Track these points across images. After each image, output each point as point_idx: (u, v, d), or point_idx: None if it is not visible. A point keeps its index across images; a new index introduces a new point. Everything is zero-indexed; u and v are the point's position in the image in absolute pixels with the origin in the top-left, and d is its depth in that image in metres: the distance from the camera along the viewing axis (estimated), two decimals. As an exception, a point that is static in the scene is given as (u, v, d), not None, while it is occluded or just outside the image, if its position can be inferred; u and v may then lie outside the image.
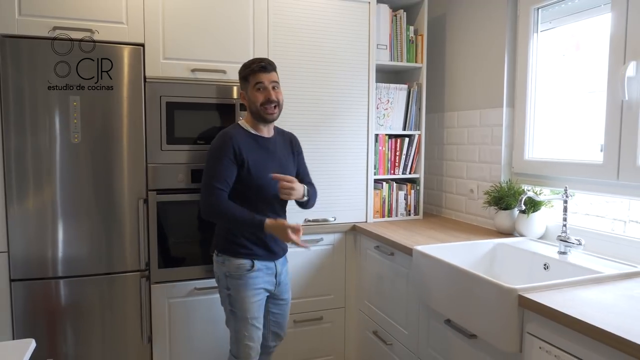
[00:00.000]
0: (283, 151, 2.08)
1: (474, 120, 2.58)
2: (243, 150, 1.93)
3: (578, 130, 2.18)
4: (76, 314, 2.15)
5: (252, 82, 1.96)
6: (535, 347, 1.37)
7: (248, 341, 1.95)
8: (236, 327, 1.97)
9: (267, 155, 2.00)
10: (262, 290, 1.98)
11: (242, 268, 1.94)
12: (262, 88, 1.95)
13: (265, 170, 1.95)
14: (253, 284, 1.95)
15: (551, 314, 1.31)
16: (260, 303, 1.98)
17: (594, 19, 2.00)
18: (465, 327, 1.67)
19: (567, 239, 1.85)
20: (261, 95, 1.94)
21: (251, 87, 1.96)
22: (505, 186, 2.31)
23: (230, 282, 1.96)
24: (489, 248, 2.11)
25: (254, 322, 1.95)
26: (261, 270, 1.96)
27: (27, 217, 2.05)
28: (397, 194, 2.72)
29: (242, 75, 2.00)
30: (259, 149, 1.99)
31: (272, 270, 2.01)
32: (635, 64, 1.75)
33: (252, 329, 1.94)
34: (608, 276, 1.57)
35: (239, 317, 1.95)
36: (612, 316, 1.24)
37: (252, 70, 1.95)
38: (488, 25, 2.47)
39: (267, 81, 1.95)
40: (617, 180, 1.84)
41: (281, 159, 2.05)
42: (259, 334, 1.98)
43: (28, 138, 2.03)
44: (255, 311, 1.96)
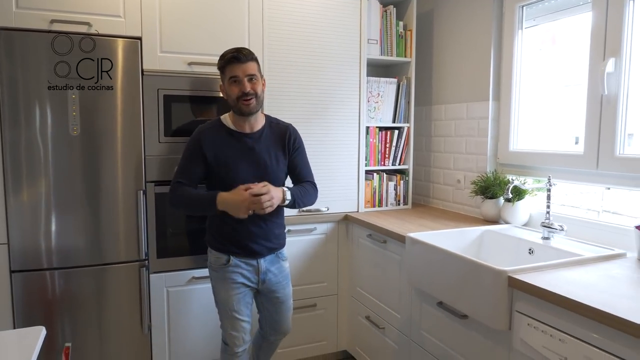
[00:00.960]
0: (267, 147, 1.99)
1: (461, 113, 2.69)
2: (212, 147, 1.91)
3: (556, 122, 2.30)
4: (76, 304, 2.18)
5: (227, 74, 1.90)
6: (524, 324, 1.47)
7: (231, 330, 2.00)
8: (220, 316, 2.04)
9: (242, 153, 1.94)
10: (240, 285, 1.98)
11: (218, 261, 1.99)
12: (237, 81, 1.89)
13: (238, 167, 1.92)
14: (229, 278, 1.97)
15: (539, 292, 1.41)
16: (240, 297, 1.98)
17: (576, 17, 2.11)
18: (457, 308, 1.77)
19: (550, 225, 1.96)
20: (236, 89, 1.89)
21: (227, 80, 1.91)
22: (491, 176, 2.42)
23: (212, 273, 2.04)
24: (477, 235, 2.22)
25: (234, 314, 1.98)
26: (239, 267, 1.97)
27: (27, 209, 2.07)
28: (387, 185, 2.81)
29: (218, 67, 1.95)
30: (234, 146, 1.94)
31: (254, 268, 1.99)
32: (614, 61, 1.87)
33: (233, 320, 1.98)
34: (589, 258, 1.69)
35: (220, 307, 2.01)
36: (594, 293, 1.35)
37: (225, 62, 1.89)
38: (474, 22, 2.57)
39: (241, 74, 1.88)
40: (597, 170, 1.96)
41: (260, 155, 1.96)
42: (242, 324, 1.99)
43: (27, 130, 2.04)
44: (234, 304, 1.97)
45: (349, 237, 2.68)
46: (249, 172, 1.94)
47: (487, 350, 1.66)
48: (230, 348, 2.01)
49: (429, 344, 1.98)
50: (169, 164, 2.29)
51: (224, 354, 2.06)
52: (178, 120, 2.29)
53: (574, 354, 1.30)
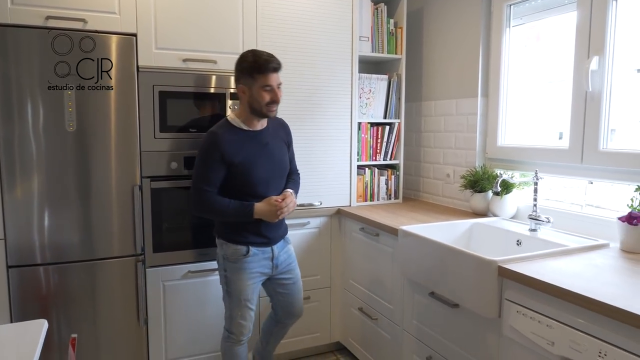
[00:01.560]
0: (276, 141, 2.11)
1: (450, 109, 2.75)
2: (232, 153, 1.96)
3: (542, 117, 2.38)
4: (73, 299, 2.20)
5: (260, 81, 1.93)
6: (513, 312, 1.54)
7: (241, 320, 2.07)
8: (231, 306, 2.09)
9: (258, 151, 2.03)
10: (257, 274, 2.08)
11: (238, 253, 2.04)
12: (271, 90, 1.95)
13: (258, 164, 2.01)
14: (248, 268, 2.05)
15: (527, 281, 1.48)
16: (255, 286, 2.08)
17: (561, 16, 2.19)
18: (449, 297, 1.83)
19: (537, 217, 2.04)
20: (268, 96, 1.95)
21: (258, 86, 1.94)
22: (480, 171, 2.49)
23: (227, 264, 2.07)
24: (467, 227, 2.29)
25: (247, 304, 2.07)
26: (257, 255, 2.05)
27: (23, 205, 2.09)
28: (378, 179, 2.87)
29: (247, 71, 1.94)
30: (250, 145, 2.01)
31: (269, 254, 2.09)
32: (597, 59, 1.94)
33: (244, 310, 2.07)
34: (574, 249, 1.77)
35: (234, 297, 2.06)
36: (580, 281, 1.42)
37: (261, 70, 1.92)
38: (463, 20, 2.63)
39: (275, 83, 1.96)
40: (581, 164, 2.04)
41: (274, 151, 2.08)
42: (252, 314, 2.10)
43: (22, 126, 2.05)
44: (249, 293, 2.06)
45: (342, 230, 2.73)
46: (266, 167, 2.05)
47: (477, 337, 1.73)
48: (237, 336, 2.09)
49: (421, 333, 2.05)
50: (164, 160, 2.31)
51: (227, 342, 2.12)
52: (173, 116, 2.31)
53: (560, 338, 1.37)
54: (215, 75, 2.37)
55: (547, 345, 1.41)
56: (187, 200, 2.37)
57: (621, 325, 1.22)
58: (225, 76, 2.39)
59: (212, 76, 2.37)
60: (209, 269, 2.44)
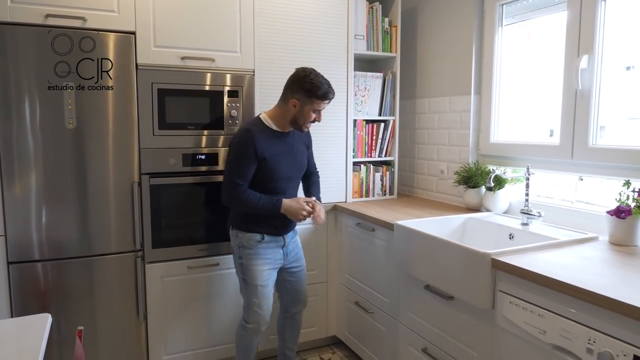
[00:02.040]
0: (299, 145, 2.26)
1: (444, 107, 2.80)
2: (264, 149, 2.08)
3: (533, 115, 2.43)
4: (73, 294, 2.23)
5: (314, 104, 2.09)
6: (506, 302, 1.59)
7: (257, 309, 2.15)
8: (247, 294, 2.18)
9: (284, 151, 2.17)
10: (271, 260, 2.18)
11: (253, 239, 2.15)
12: (318, 113, 2.13)
13: (283, 163, 2.15)
14: (263, 254, 2.16)
15: (520, 273, 1.53)
16: (269, 273, 2.18)
17: (552, 15, 2.24)
18: (444, 290, 1.89)
19: (529, 211, 2.10)
20: (312, 117, 2.12)
21: (309, 107, 2.09)
22: (473, 167, 2.55)
23: (243, 252, 2.16)
24: (461, 222, 2.34)
25: (264, 290, 2.16)
26: (270, 242, 2.17)
27: (23, 201, 2.11)
28: (373, 176, 2.92)
29: (307, 92, 2.06)
30: (279, 145, 2.15)
31: (281, 243, 2.21)
32: (587, 57, 2.00)
33: (261, 297, 2.15)
34: (565, 242, 1.83)
35: (249, 284, 2.15)
36: (570, 272, 1.47)
37: (321, 97, 2.07)
38: (457, 19, 2.68)
39: (322, 109, 2.14)
40: (572, 160, 2.10)
41: (297, 153, 2.23)
42: (269, 302, 2.19)
43: (22, 124, 2.07)
44: (264, 279, 2.16)
45: (338, 226, 2.78)
46: (289, 166, 2.19)
47: (471, 328, 1.78)
48: (252, 326, 2.18)
49: (417, 325, 2.10)
50: (163, 156, 2.34)
51: (243, 332, 2.22)
52: (172, 113, 2.34)
53: (552, 327, 1.43)
54: (213, 73, 2.40)
55: (539, 334, 1.47)
56: (185, 196, 2.41)
57: (610, 314, 1.27)
58: (222, 74, 2.42)
59: (210, 74, 2.40)
60: (208, 265, 2.48)
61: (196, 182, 2.43)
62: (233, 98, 2.45)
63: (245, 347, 2.25)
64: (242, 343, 2.25)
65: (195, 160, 2.41)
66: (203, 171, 2.43)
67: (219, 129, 2.44)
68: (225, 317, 2.56)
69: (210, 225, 2.48)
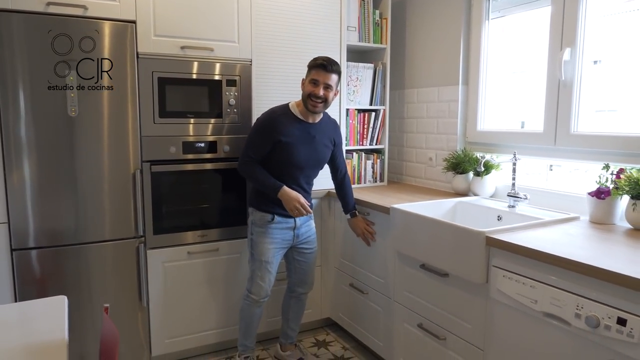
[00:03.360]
0: (323, 139, 2.34)
1: (433, 97, 2.92)
2: (282, 133, 2.20)
3: (510, 105, 2.58)
4: (76, 280, 2.27)
5: (311, 74, 2.21)
6: (499, 276, 1.73)
7: (260, 281, 2.32)
8: (253, 267, 2.33)
9: (305, 140, 2.26)
10: (279, 240, 2.32)
11: (264, 219, 2.29)
12: (315, 83, 2.19)
13: (300, 152, 2.25)
14: (271, 233, 2.30)
15: (513, 248, 1.66)
16: (276, 252, 2.32)
17: (537, 10, 2.37)
18: (439, 267, 2.01)
19: (516, 194, 2.24)
20: (311, 88, 2.20)
21: (308, 78, 2.22)
22: (461, 154, 2.68)
23: (254, 229, 2.31)
24: (451, 205, 2.47)
25: (267, 266, 2.31)
26: (280, 223, 2.30)
27: (27, 189, 2.13)
28: (365, 163, 3.03)
29: (308, 65, 2.24)
30: (300, 134, 2.25)
31: (291, 225, 2.33)
32: (570, 50, 2.14)
33: (264, 271, 2.31)
34: (550, 221, 1.97)
35: (256, 259, 2.30)
36: (557, 247, 1.61)
37: (314, 66, 2.20)
38: (445, 12, 2.79)
39: (321, 80, 2.18)
40: (555, 146, 2.25)
41: (318, 146, 2.32)
42: (271, 277, 2.34)
43: (26, 111, 2.08)
44: (270, 256, 2.30)
45: (332, 212, 2.87)
46: (306, 155, 2.28)
47: (466, 302, 1.91)
48: (255, 296, 2.34)
49: (412, 303, 2.22)
50: (164, 144, 2.39)
51: (246, 301, 2.38)
52: (172, 102, 2.39)
53: (542, 296, 1.56)
54: (212, 63, 2.45)
55: (530, 304, 1.60)
56: (186, 183, 2.47)
57: (595, 281, 1.41)
58: (221, 63, 2.47)
59: (209, 63, 2.45)
60: (208, 250, 2.54)
61: (196, 169, 2.49)
62: (231, 87, 2.51)
63: (246, 317, 2.39)
64: (245, 312, 2.39)
65: (195, 148, 2.46)
66: (203, 159, 2.49)
67: (218, 117, 2.50)
68: (224, 301, 2.63)
69: (210, 211, 2.54)
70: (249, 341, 2.44)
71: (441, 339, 2.04)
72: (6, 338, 1.33)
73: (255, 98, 2.57)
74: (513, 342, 1.70)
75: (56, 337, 1.33)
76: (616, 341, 1.35)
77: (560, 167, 2.55)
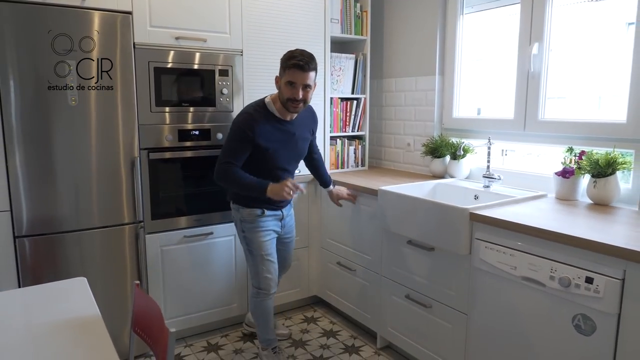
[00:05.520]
0: (303, 133, 2.34)
1: (410, 86, 3.12)
2: (261, 136, 2.14)
3: (488, 93, 2.82)
4: (79, 264, 2.33)
5: (287, 76, 2.10)
6: (482, 247, 1.95)
7: (267, 274, 2.33)
8: (254, 263, 2.34)
9: (285, 140, 2.24)
10: (271, 232, 2.36)
11: (253, 214, 2.30)
12: (293, 86, 2.10)
13: (281, 152, 2.23)
14: (264, 226, 2.32)
15: (494, 222, 1.88)
16: (272, 242, 2.36)
17: (507, 7, 2.60)
18: (426, 242, 2.22)
19: (490, 175, 2.47)
20: (289, 92, 2.11)
21: (284, 80, 2.11)
22: (438, 139, 2.90)
23: (245, 225, 2.31)
24: (431, 187, 2.68)
25: (269, 258, 2.34)
26: (270, 216, 2.33)
27: (29, 177, 2.17)
28: (348, 149, 3.20)
29: (281, 63, 2.14)
30: (279, 134, 2.21)
31: (279, 216, 2.38)
32: (538, 45, 2.37)
33: (268, 263, 2.33)
34: (522, 198, 2.21)
35: (255, 254, 2.32)
36: (531, 219, 1.84)
37: (290, 65, 2.08)
38: (422, 6, 2.98)
39: (299, 82, 2.09)
40: (524, 131, 2.49)
41: (297, 142, 2.31)
42: (275, 266, 2.37)
43: (27, 100, 2.12)
44: (268, 248, 2.34)
45: (317, 194, 3.04)
46: (288, 155, 2.29)
47: (451, 272, 2.13)
48: (266, 290, 2.35)
49: (399, 276, 2.43)
50: (160, 132, 2.47)
51: (258, 298, 2.37)
52: (167, 91, 2.46)
53: (520, 263, 1.79)
54: (205, 53, 2.54)
55: (510, 270, 1.83)
56: (181, 170, 2.56)
57: (565, 247, 1.65)
58: (214, 54, 2.56)
59: (202, 53, 2.54)
60: (203, 234, 2.65)
61: (191, 156, 2.58)
62: (223, 77, 2.60)
63: (263, 311, 2.38)
64: (260, 308, 2.38)
65: (190, 135, 2.55)
66: (197, 146, 2.58)
67: (212, 106, 2.59)
68: (220, 281, 2.76)
69: (205, 196, 2.65)
70: (270, 334, 2.44)
71: (427, 307, 2.26)
72: (44, 315, 1.43)
73: (247, 88, 2.68)
74: (494, 304, 1.93)
75: (90, 313, 1.45)
76: (585, 297, 1.59)
77: (514, 151, 2.82)
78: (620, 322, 1.53)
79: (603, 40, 2.29)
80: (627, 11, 2.11)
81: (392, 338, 2.53)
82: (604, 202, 2.10)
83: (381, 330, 2.60)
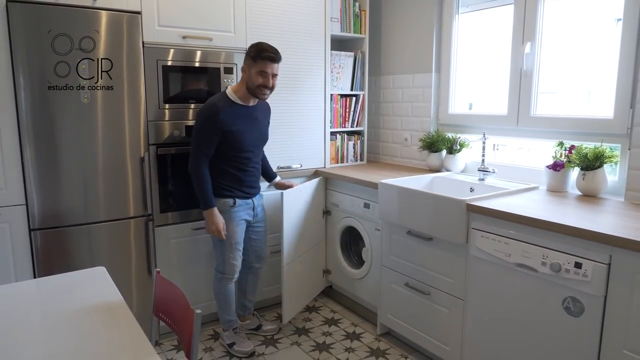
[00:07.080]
0: (262, 118, 2.53)
1: (407, 83, 3.23)
2: (229, 123, 2.31)
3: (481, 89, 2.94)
4: (92, 255, 2.42)
5: (258, 66, 2.30)
6: (478, 236, 2.06)
7: (233, 261, 2.50)
8: (223, 250, 2.49)
9: (250, 124, 2.42)
10: (243, 221, 2.51)
11: (226, 204, 2.44)
12: (264, 75, 2.31)
13: (247, 135, 2.39)
14: (236, 216, 2.47)
15: (490, 212, 2.00)
16: (242, 231, 2.51)
17: (501, 7, 2.70)
18: (425, 232, 2.33)
19: (485, 169, 2.59)
20: (261, 80, 2.31)
21: (255, 70, 2.30)
22: (435, 134, 3.01)
23: None
24: (428, 180, 2.80)
25: (237, 246, 2.50)
26: (241, 206, 2.48)
27: (44, 172, 2.25)
28: (347, 144, 3.30)
29: (251, 55, 2.32)
30: (244, 119, 2.38)
31: (250, 205, 2.53)
32: (530, 44, 2.49)
33: (235, 252, 2.49)
34: (515, 190, 2.33)
35: (226, 242, 2.46)
36: (525, 210, 1.96)
37: (262, 57, 2.29)
38: (419, 6, 3.08)
39: (270, 71, 2.32)
40: (517, 127, 2.61)
41: (261, 126, 2.50)
42: (240, 254, 2.53)
43: (41, 99, 2.20)
44: (238, 237, 2.49)
45: (319, 190, 3.14)
46: (254, 136, 2.45)
47: (448, 260, 2.24)
48: (230, 275, 2.51)
49: (399, 265, 2.54)
50: (168, 129, 2.56)
51: (221, 282, 2.53)
52: (175, 88, 2.55)
53: (515, 250, 1.91)
54: (210, 51, 2.63)
55: (505, 257, 1.95)
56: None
57: (556, 235, 1.77)
58: (219, 52, 2.65)
59: (208, 52, 2.62)
60: (209, 226, 2.74)
61: (197, 151, 2.66)
62: (228, 74, 2.69)
63: (225, 294, 2.54)
64: (222, 292, 2.54)
65: (197, 131, 2.64)
66: (203, 141, 2.67)
67: (217, 103, 2.68)
68: (225, 272, 2.85)
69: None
70: (231, 315, 2.59)
71: (426, 294, 2.38)
72: (73, 302, 1.52)
73: (250, 84, 2.77)
74: (490, 290, 2.05)
75: (114, 299, 1.55)
76: (574, 281, 1.72)
77: (506, 146, 2.94)
78: (607, 304, 1.66)
79: (593, 36, 2.39)
80: (616, 7, 2.21)
81: (392, 324, 2.65)
82: (592, 193, 2.23)
83: (381, 317, 2.72)
